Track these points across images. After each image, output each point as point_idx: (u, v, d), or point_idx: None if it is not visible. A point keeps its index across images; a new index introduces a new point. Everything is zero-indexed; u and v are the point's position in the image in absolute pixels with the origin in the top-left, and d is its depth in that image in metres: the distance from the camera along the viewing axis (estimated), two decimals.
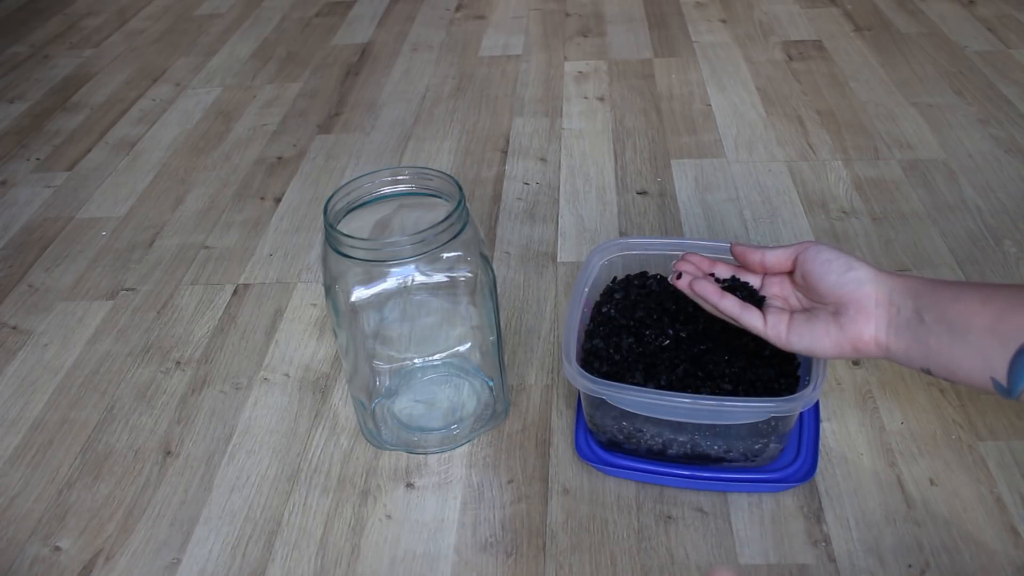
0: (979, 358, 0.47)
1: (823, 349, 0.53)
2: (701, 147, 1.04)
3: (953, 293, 0.49)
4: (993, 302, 0.47)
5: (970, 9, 1.35)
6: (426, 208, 0.61)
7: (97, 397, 0.74)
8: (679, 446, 0.60)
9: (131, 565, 0.60)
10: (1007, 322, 0.46)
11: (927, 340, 0.49)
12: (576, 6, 1.48)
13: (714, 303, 0.57)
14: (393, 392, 0.70)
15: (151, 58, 1.40)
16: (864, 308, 0.51)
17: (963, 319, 0.47)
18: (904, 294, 0.50)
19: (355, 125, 1.15)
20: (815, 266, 0.54)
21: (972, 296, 0.48)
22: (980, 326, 0.46)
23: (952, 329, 0.48)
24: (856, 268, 0.53)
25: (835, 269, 0.53)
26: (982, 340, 0.46)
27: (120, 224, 0.98)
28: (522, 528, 0.61)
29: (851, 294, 0.52)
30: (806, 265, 0.55)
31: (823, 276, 0.53)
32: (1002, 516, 0.59)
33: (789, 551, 0.58)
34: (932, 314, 0.49)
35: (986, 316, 0.46)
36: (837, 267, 0.53)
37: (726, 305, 0.56)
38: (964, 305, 0.48)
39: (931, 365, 0.49)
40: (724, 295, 0.57)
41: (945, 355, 0.48)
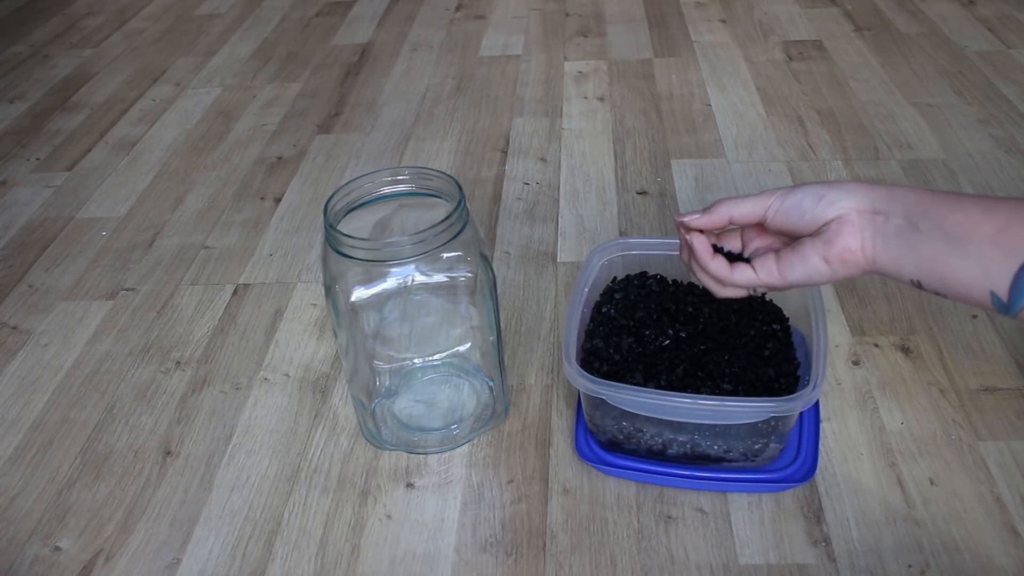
0: (978, 270, 0.44)
1: (816, 271, 0.51)
2: (701, 147, 1.04)
3: (950, 202, 0.46)
4: (996, 212, 0.44)
5: (970, 9, 1.35)
6: (426, 208, 0.61)
7: (97, 397, 0.74)
8: (679, 446, 0.60)
9: (131, 565, 0.60)
10: (1012, 233, 0.43)
11: (921, 249, 0.46)
12: (576, 6, 1.48)
13: (703, 263, 0.55)
14: (393, 392, 0.70)
15: (151, 58, 1.40)
16: (847, 220, 0.49)
17: (963, 228, 0.45)
18: (891, 202, 0.48)
19: (355, 125, 1.15)
20: (787, 217, 0.52)
21: (972, 206, 0.45)
22: (982, 236, 0.44)
23: (950, 238, 0.45)
24: (828, 193, 0.50)
25: (807, 206, 0.51)
26: (983, 251, 0.44)
27: (120, 224, 0.98)
28: (522, 528, 0.61)
29: (829, 215, 0.50)
30: (777, 220, 0.53)
31: (798, 219, 0.51)
32: (1002, 516, 0.59)
33: (789, 551, 0.58)
34: (928, 223, 0.46)
35: (989, 226, 0.44)
36: (809, 203, 0.51)
37: (715, 265, 0.55)
38: (964, 215, 0.45)
39: (923, 277, 0.47)
40: (716, 256, 0.55)
41: (940, 266, 0.46)
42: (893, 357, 0.72)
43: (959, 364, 0.71)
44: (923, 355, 0.72)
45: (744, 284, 0.55)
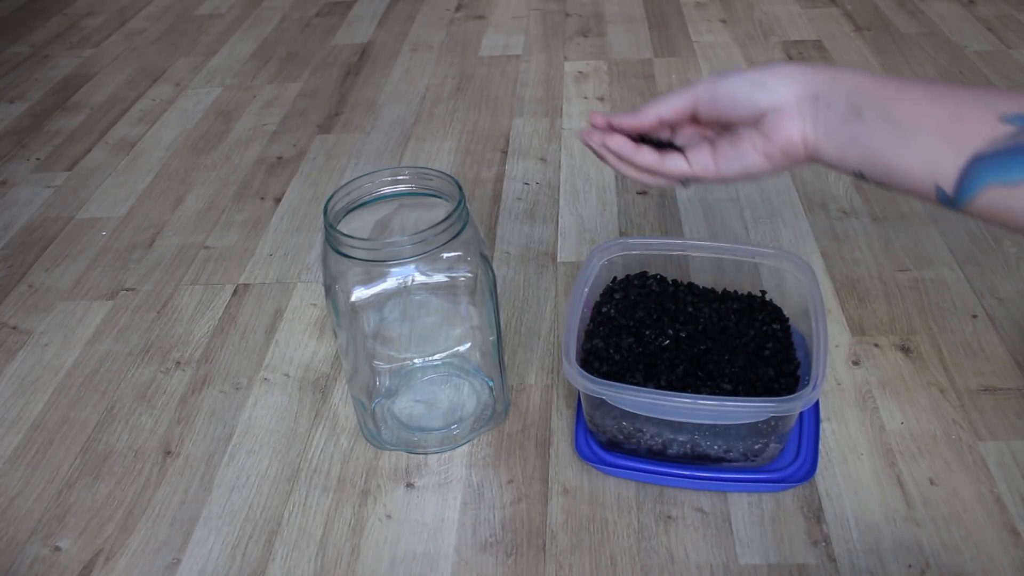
0: (924, 162, 0.41)
1: (755, 166, 0.48)
2: None
3: (897, 89, 0.43)
4: (945, 101, 0.41)
5: (970, 9, 1.35)
6: (426, 208, 0.61)
7: (97, 397, 0.74)
8: (679, 446, 0.60)
9: (131, 565, 0.60)
10: (961, 124, 0.40)
11: (865, 139, 0.44)
12: (576, 6, 1.48)
13: (629, 158, 0.52)
14: (393, 392, 0.70)
15: (151, 58, 1.40)
16: (785, 109, 0.46)
17: (910, 118, 0.42)
18: (834, 87, 0.45)
19: (355, 125, 1.15)
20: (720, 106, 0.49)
21: (920, 93, 0.42)
22: (930, 126, 0.41)
23: (896, 128, 0.42)
24: (764, 78, 0.47)
25: (742, 95, 0.47)
26: (931, 142, 0.41)
27: (120, 224, 0.98)
28: (522, 528, 0.61)
29: (766, 103, 0.47)
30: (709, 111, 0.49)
31: (732, 109, 0.48)
32: (1002, 516, 0.59)
33: (789, 551, 0.58)
34: (873, 111, 0.43)
35: (937, 116, 0.41)
36: (744, 90, 0.47)
37: (643, 158, 0.51)
38: (912, 103, 0.42)
39: (866, 168, 0.44)
40: (640, 148, 0.52)
41: (885, 157, 0.43)
42: (893, 357, 0.72)
43: (959, 364, 0.71)
44: (923, 355, 0.72)
45: (676, 175, 0.51)
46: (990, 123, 0.39)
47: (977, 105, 0.40)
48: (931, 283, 0.80)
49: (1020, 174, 0.38)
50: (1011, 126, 0.38)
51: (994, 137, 0.39)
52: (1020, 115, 0.38)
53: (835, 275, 0.81)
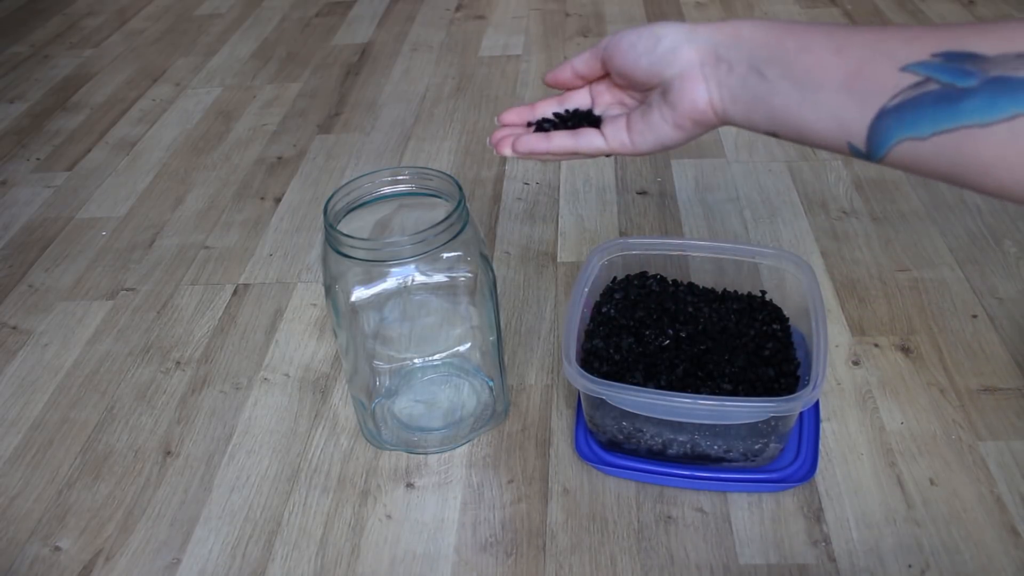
0: (832, 119, 0.40)
1: (668, 137, 0.47)
2: (701, 147, 1.04)
3: (800, 42, 0.41)
4: (848, 53, 0.39)
5: (970, 9, 1.35)
6: (426, 208, 0.61)
7: (97, 397, 0.74)
8: (679, 446, 0.60)
9: (131, 565, 0.60)
10: (864, 78, 0.39)
11: (770, 100, 0.42)
12: (576, 6, 1.48)
13: (544, 151, 0.51)
14: (393, 392, 0.70)
15: (151, 58, 1.40)
16: (688, 74, 0.45)
17: (812, 74, 0.40)
18: (734, 46, 0.43)
19: (355, 125, 1.15)
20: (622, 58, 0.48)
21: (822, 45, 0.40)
22: (833, 82, 0.40)
23: (799, 86, 0.41)
24: (664, 36, 0.46)
25: (643, 49, 0.46)
26: (835, 99, 0.40)
27: (120, 224, 0.98)
28: (522, 528, 0.61)
29: (670, 66, 0.45)
30: (612, 62, 0.49)
31: (635, 63, 0.47)
32: (1002, 516, 0.59)
33: (789, 551, 0.58)
34: (775, 69, 0.42)
35: (839, 70, 0.39)
36: (644, 46, 0.46)
37: (557, 144, 0.51)
38: (813, 57, 0.40)
39: (777, 129, 0.43)
40: (550, 136, 0.51)
41: (794, 117, 0.41)
42: (893, 357, 0.72)
43: (959, 364, 0.71)
44: (923, 355, 0.72)
45: (593, 153, 0.51)
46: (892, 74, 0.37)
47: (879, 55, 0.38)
48: (931, 283, 0.80)
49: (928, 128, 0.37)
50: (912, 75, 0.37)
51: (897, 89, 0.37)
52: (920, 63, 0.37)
53: (835, 275, 0.81)
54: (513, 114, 0.54)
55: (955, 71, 0.36)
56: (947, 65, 0.36)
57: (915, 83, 0.37)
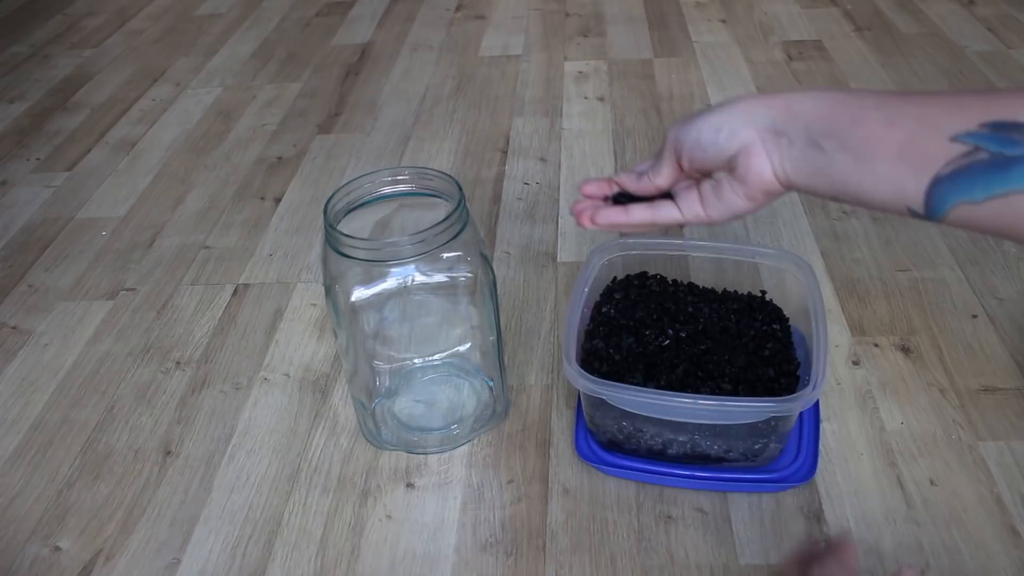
0: (890, 187, 0.42)
1: (741, 208, 0.50)
2: None
3: (852, 114, 0.44)
4: (899, 124, 0.42)
5: (970, 9, 1.35)
6: (426, 208, 0.60)
7: (97, 397, 0.74)
8: (679, 446, 0.60)
9: (131, 565, 0.60)
10: (916, 148, 0.41)
11: (829, 170, 0.45)
12: (576, 6, 1.48)
13: (623, 223, 0.54)
14: (393, 392, 0.70)
15: (151, 58, 1.40)
16: (752, 151, 0.48)
17: (867, 146, 0.43)
18: (790, 120, 0.46)
19: (355, 125, 1.15)
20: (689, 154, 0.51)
21: (874, 117, 0.43)
22: (887, 153, 0.42)
23: (856, 157, 0.43)
24: (723, 124, 0.48)
25: (706, 140, 0.49)
26: (891, 169, 0.42)
27: (120, 224, 0.98)
28: (522, 528, 0.61)
29: (733, 148, 0.48)
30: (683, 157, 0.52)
31: (703, 155, 0.50)
32: (1002, 516, 0.59)
33: (789, 551, 0.58)
34: (831, 142, 0.44)
35: (893, 142, 0.42)
36: (707, 138, 0.49)
37: (636, 217, 0.54)
38: (866, 130, 0.43)
39: (838, 195, 0.45)
40: (628, 210, 0.55)
41: (853, 186, 0.44)
42: (893, 357, 0.72)
43: (959, 364, 0.71)
44: (923, 355, 0.72)
45: (669, 223, 0.54)
46: (943, 144, 0.40)
47: (929, 127, 0.41)
48: (931, 283, 0.80)
49: (981, 193, 0.39)
50: (962, 145, 0.39)
51: (948, 158, 0.40)
52: (969, 133, 0.39)
53: (835, 275, 0.81)
54: (593, 186, 0.57)
55: (1003, 140, 0.38)
56: (995, 135, 0.38)
57: (965, 152, 0.39)
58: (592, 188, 0.57)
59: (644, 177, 0.55)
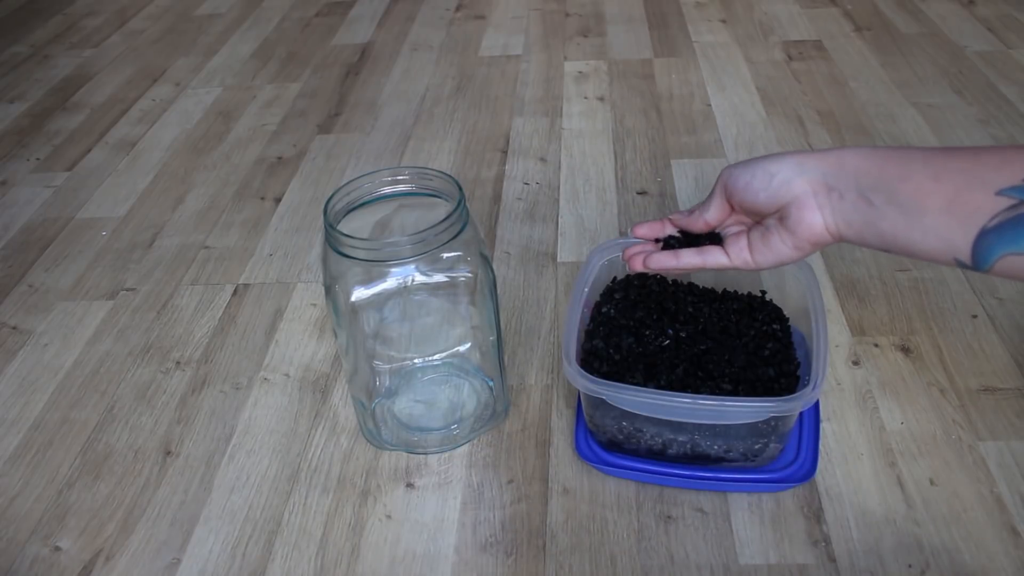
0: (938, 239, 0.44)
1: (788, 257, 0.53)
2: (701, 147, 1.04)
3: (900, 170, 0.46)
4: (945, 179, 0.44)
5: (970, 9, 1.35)
6: (426, 208, 0.61)
7: (97, 397, 0.74)
8: (679, 446, 0.60)
9: (131, 565, 0.60)
10: (963, 202, 0.43)
11: (879, 224, 0.47)
12: (576, 6, 1.48)
13: (673, 267, 0.57)
14: (393, 392, 0.70)
15: (151, 58, 1.40)
16: (803, 203, 0.50)
17: (915, 200, 0.45)
18: (841, 175, 0.48)
19: (355, 125, 1.15)
20: (741, 196, 0.53)
21: (921, 172, 0.45)
22: (935, 207, 0.44)
23: (905, 211, 0.45)
24: (777, 172, 0.51)
25: (759, 186, 0.51)
26: (939, 221, 0.44)
27: (120, 224, 0.98)
28: (522, 528, 0.61)
29: (785, 197, 0.50)
30: (734, 198, 0.54)
31: (754, 199, 0.52)
32: (1002, 516, 0.59)
33: (789, 551, 0.58)
34: (880, 196, 0.46)
35: (940, 196, 0.44)
36: (760, 183, 0.51)
37: (686, 262, 0.56)
38: (914, 185, 0.45)
39: (887, 247, 0.47)
40: (678, 255, 0.57)
41: (902, 238, 0.46)
42: (893, 357, 0.72)
43: (959, 364, 0.71)
44: (923, 355, 0.72)
45: (717, 268, 0.56)
46: (988, 198, 0.42)
47: (974, 181, 0.43)
48: (931, 283, 0.80)
49: None
50: (1007, 199, 0.41)
51: (994, 211, 0.42)
52: (1014, 187, 0.41)
53: (835, 275, 0.81)
54: (645, 228, 0.60)
55: None
56: None
57: (1011, 205, 0.41)
58: (645, 230, 0.60)
59: (694, 213, 0.57)
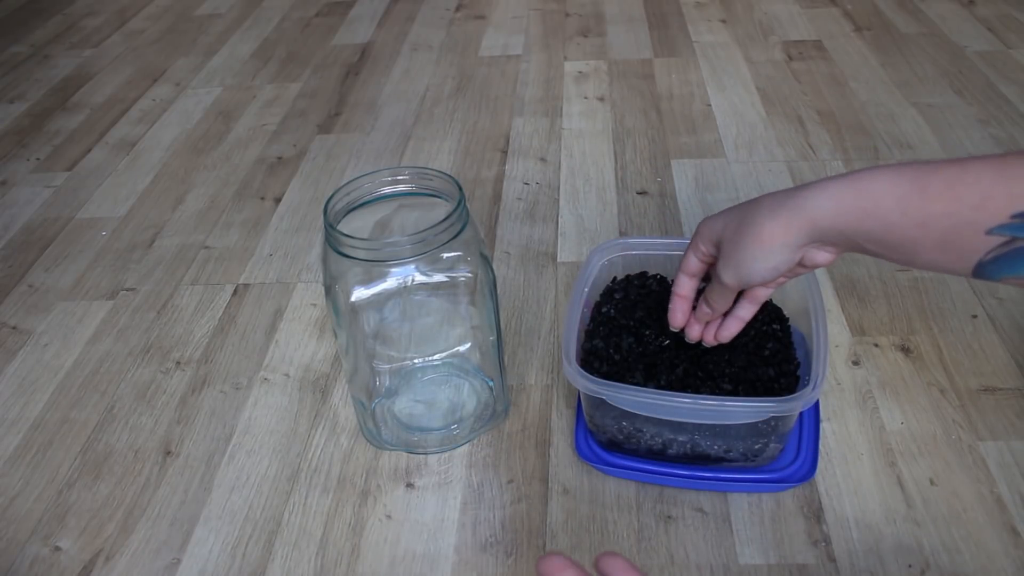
0: (938, 267, 0.45)
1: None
2: (701, 147, 1.04)
3: (879, 223, 0.46)
4: (931, 224, 0.44)
5: (970, 9, 1.35)
6: (426, 208, 0.60)
7: (97, 397, 0.74)
8: (679, 446, 0.60)
9: (131, 565, 0.60)
10: (955, 244, 0.44)
11: (877, 256, 0.48)
12: (576, 6, 1.48)
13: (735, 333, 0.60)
14: (393, 392, 0.70)
15: (151, 58, 1.40)
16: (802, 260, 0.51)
17: (906, 245, 0.45)
18: (825, 233, 0.48)
19: (355, 125, 1.15)
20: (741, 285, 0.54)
21: (903, 224, 0.45)
22: (927, 247, 0.45)
23: (900, 252, 0.46)
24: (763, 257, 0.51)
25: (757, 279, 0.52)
26: (935, 256, 0.45)
27: (120, 224, 0.98)
28: (522, 528, 0.61)
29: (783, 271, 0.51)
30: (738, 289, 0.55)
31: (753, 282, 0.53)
32: (1002, 516, 0.59)
33: (789, 551, 0.58)
34: (871, 243, 0.47)
35: (929, 240, 0.44)
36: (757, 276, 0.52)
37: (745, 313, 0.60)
38: (901, 234, 0.45)
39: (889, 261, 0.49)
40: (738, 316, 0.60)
41: (904, 263, 0.47)
42: (893, 357, 0.72)
43: (959, 364, 0.71)
44: (923, 355, 0.72)
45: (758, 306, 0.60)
46: (979, 237, 0.43)
47: (961, 225, 0.43)
48: (931, 283, 0.80)
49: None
50: (998, 237, 0.42)
51: (988, 248, 0.43)
52: (1002, 225, 0.42)
53: (835, 275, 0.81)
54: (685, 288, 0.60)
55: None
56: None
57: (1003, 243, 0.42)
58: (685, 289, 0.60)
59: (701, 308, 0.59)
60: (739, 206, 0.53)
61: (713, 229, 0.55)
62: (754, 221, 0.50)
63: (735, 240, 0.52)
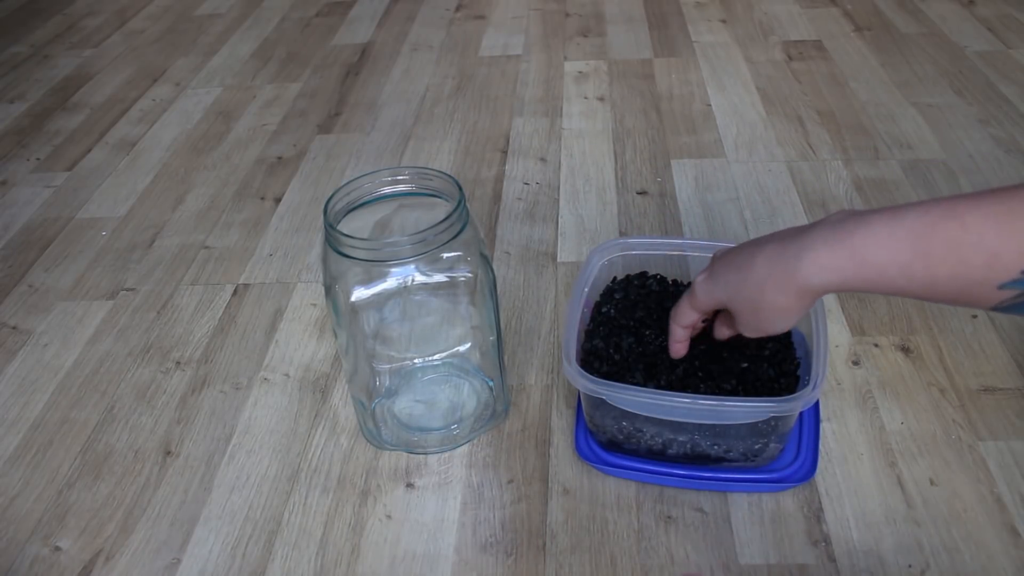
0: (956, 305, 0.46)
1: None
2: (701, 147, 1.04)
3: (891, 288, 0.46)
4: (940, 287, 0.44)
5: (970, 9, 1.35)
6: (426, 208, 0.61)
7: (97, 397, 0.74)
8: (679, 446, 0.60)
9: (131, 565, 0.60)
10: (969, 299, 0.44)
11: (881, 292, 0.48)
12: (576, 6, 1.48)
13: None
14: (393, 392, 0.70)
15: (151, 58, 1.40)
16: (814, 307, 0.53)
17: (917, 297, 0.46)
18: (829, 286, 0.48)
19: (355, 125, 1.15)
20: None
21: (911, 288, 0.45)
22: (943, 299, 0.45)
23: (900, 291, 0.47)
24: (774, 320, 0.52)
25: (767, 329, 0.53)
26: (950, 301, 0.46)
27: (120, 224, 0.98)
28: (522, 528, 0.61)
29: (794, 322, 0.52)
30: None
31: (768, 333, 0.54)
32: (1002, 516, 0.59)
33: (789, 551, 0.58)
34: (871, 290, 0.47)
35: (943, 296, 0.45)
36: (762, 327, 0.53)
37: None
38: (910, 292, 0.46)
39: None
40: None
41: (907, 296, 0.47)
42: (893, 357, 0.72)
43: (959, 364, 0.71)
44: (923, 355, 0.72)
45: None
46: (992, 292, 0.43)
47: (972, 284, 0.43)
48: None
49: None
50: (1009, 291, 0.43)
51: (1000, 300, 0.43)
52: (1013, 281, 0.42)
53: None
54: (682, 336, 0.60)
55: None
56: None
57: (1015, 295, 0.43)
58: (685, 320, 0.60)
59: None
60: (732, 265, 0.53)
61: (713, 297, 0.55)
62: (763, 298, 0.51)
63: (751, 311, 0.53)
